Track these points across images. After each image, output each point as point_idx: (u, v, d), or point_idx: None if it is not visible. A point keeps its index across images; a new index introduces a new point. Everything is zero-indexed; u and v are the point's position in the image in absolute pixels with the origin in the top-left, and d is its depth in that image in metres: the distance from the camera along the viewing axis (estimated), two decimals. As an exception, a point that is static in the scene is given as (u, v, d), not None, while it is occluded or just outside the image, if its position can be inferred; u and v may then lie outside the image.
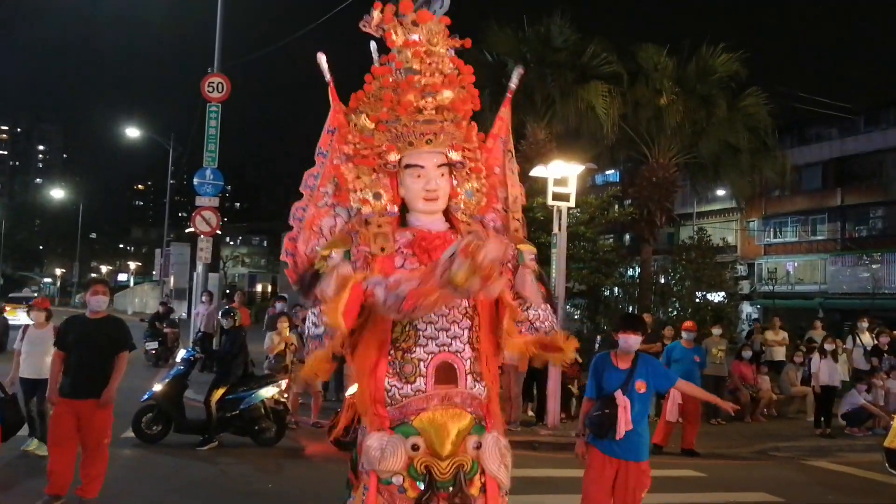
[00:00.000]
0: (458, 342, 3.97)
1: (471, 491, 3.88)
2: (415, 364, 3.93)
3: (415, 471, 3.84)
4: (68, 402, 7.87)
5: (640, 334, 6.85)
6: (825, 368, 15.64)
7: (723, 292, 25.40)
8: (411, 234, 4.12)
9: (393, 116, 4.15)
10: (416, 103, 4.12)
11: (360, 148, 4.20)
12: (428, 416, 3.88)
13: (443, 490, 3.83)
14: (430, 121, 4.12)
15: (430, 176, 4.09)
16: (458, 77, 4.26)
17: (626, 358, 6.80)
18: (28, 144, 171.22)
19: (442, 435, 3.85)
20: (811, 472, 12.69)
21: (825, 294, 46.82)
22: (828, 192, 48.26)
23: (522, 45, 23.59)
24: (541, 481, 10.78)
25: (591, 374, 7.02)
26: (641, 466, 6.70)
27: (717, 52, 23.59)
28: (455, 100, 4.20)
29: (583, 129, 22.61)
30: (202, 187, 19.80)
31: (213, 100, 20.01)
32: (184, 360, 12.68)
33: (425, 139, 4.11)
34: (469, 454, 3.90)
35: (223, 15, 20.98)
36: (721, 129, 23.66)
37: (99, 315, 8.22)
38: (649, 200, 23.77)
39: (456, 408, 3.92)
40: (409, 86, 4.11)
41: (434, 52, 4.17)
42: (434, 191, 4.11)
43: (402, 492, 3.87)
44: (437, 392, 3.91)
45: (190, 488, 9.55)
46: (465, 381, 3.95)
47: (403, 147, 4.13)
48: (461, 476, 3.86)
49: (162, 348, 23.59)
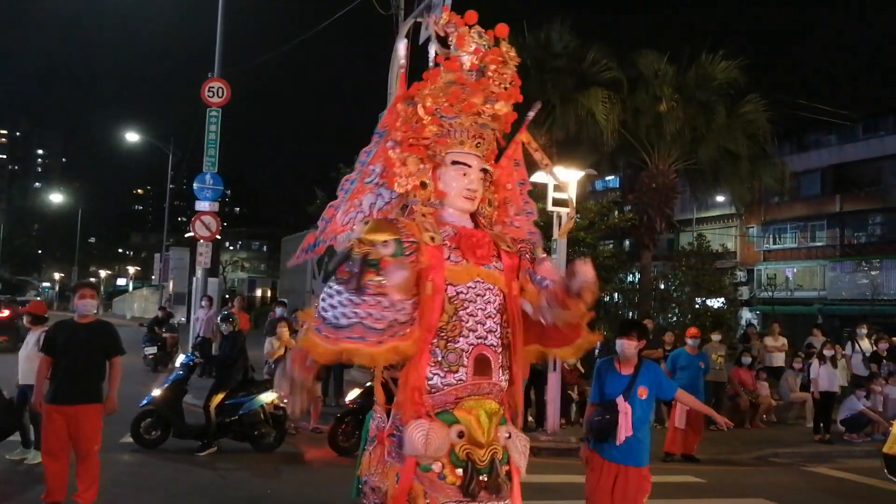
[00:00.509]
0: (492, 336, 4.06)
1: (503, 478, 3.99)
2: (458, 354, 3.99)
3: (456, 458, 3.91)
4: (57, 408, 7.72)
5: (637, 339, 6.85)
6: (824, 374, 15.67)
7: (722, 298, 25.43)
8: (452, 229, 4.17)
9: (453, 112, 4.23)
10: (480, 107, 4.24)
11: (409, 135, 4.27)
12: (469, 404, 3.96)
13: (483, 476, 3.92)
14: (485, 125, 4.27)
15: (473, 178, 4.20)
16: (514, 94, 4.35)
17: (628, 364, 6.84)
18: (27, 149, 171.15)
19: (483, 423, 3.95)
20: (810, 477, 12.70)
21: (824, 300, 46.85)
22: (827, 198, 48.36)
23: (522, 52, 23.23)
24: (541, 487, 10.77)
25: (594, 378, 7.09)
26: (642, 472, 6.71)
27: (717, 59, 23.65)
28: (507, 113, 4.34)
29: (583, 136, 22.64)
30: (202, 192, 19.81)
31: (213, 105, 20.03)
32: (183, 365, 12.67)
33: (476, 141, 4.23)
34: (501, 443, 4.02)
35: (224, 20, 21.02)
36: (720, 136, 23.72)
37: (88, 319, 8.08)
38: (649, 206, 23.81)
39: (490, 398, 4.02)
40: (479, 88, 4.23)
41: (508, 65, 4.30)
42: (475, 191, 4.22)
43: (441, 479, 3.93)
44: (475, 382, 3.99)
45: (189, 494, 9.53)
46: (497, 373, 4.05)
47: (453, 144, 4.22)
48: (497, 463, 3.97)
49: (161, 353, 23.56)
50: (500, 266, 4.13)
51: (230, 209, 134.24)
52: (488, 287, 4.08)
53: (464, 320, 4.01)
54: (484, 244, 4.10)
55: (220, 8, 20.91)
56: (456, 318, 4.00)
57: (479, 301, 4.04)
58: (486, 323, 4.05)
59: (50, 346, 8.00)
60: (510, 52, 4.35)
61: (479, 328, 4.03)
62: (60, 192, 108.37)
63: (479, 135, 4.25)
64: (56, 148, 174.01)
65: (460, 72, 4.31)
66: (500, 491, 3.99)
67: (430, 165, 4.26)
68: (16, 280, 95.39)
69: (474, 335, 4.02)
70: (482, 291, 4.07)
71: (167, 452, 11.61)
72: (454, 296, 4.00)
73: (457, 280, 4.00)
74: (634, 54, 23.90)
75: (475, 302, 4.04)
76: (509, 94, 4.32)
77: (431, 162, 4.26)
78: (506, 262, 4.15)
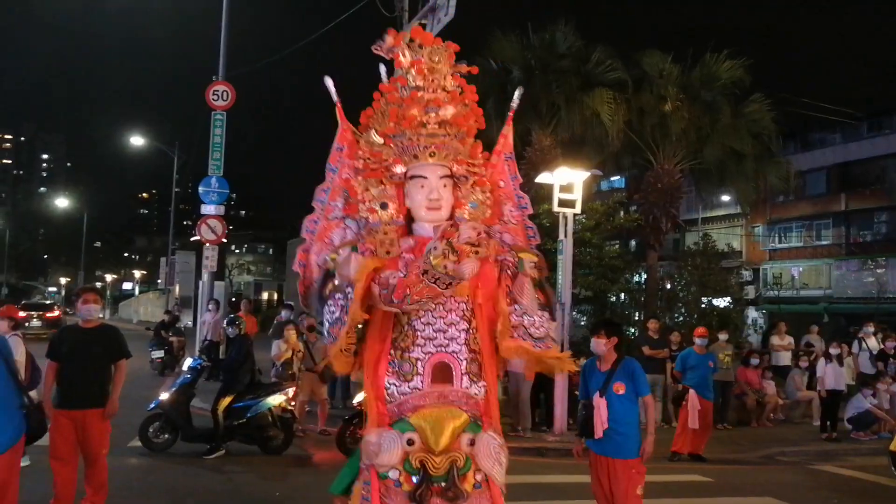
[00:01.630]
0: (455, 343, 4.15)
1: (464, 486, 4.03)
2: (412, 363, 4.13)
3: (410, 465, 4.03)
4: (65, 413, 7.67)
5: (606, 337, 7.20)
6: (831, 373, 15.66)
7: (728, 297, 25.37)
8: (413, 240, 4.28)
9: (399, 131, 4.37)
10: (420, 118, 4.33)
11: (369, 162, 4.40)
12: (424, 413, 4.07)
13: (436, 484, 3.98)
14: (433, 134, 4.34)
15: (432, 186, 4.29)
16: (461, 95, 4.45)
17: (606, 361, 7.22)
18: (32, 154, 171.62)
19: (437, 431, 4.02)
20: (817, 476, 12.70)
21: (830, 299, 46.77)
22: (832, 197, 48.31)
23: (527, 52, 23.67)
24: (548, 487, 10.80)
25: (581, 378, 7.54)
26: (629, 463, 7.00)
27: (721, 58, 23.64)
28: (457, 115, 4.40)
29: (588, 136, 22.68)
30: (207, 196, 19.83)
31: (218, 108, 20.05)
32: (190, 369, 12.71)
33: (429, 152, 4.31)
34: (463, 450, 4.06)
35: (228, 23, 21.05)
36: (725, 136, 23.71)
37: (92, 324, 8.07)
38: (654, 206, 23.80)
39: (452, 406, 4.09)
40: (413, 101, 4.33)
41: (436, 70, 4.36)
42: (436, 200, 4.30)
43: (398, 486, 4.06)
44: (433, 390, 4.09)
45: (197, 497, 9.56)
46: (460, 380, 4.12)
47: (409, 160, 4.34)
48: (454, 471, 4.00)
49: (168, 357, 23.58)
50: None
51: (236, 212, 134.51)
52: (450, 296, 4.11)
53: (418, 329, 4.13)
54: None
55: (225, 11, 20.94)
56: (409, 328, 4.13)
57: (438, 309, 4.12)
58: (448, 330, 4.14)
59: (55, 351, 7.92)
60: (436, 56, 4.40)
61: (440, 336, 4.14)
62: (65, 196, 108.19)
63: (432, 145, 4.31)
64: (61, 152, 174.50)
65: (394, 91, 4.43)
66: (459, 499, 4.01)
67: (393, 186, 4.39)
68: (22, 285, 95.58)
69: (432, 343, 4.14)
70: (443, 300, 4.13)
71: (175, 456, 11.65)
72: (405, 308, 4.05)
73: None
74: (639, 54, 23.88)
75: (434, 311, 4.12)
76: (452, 97, 4.40)
77: (393, 183, 4.40)
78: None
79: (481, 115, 4.64)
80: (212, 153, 20.13)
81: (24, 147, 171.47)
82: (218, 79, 20.46)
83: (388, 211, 4.37)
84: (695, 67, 23.84)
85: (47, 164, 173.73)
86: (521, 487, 10.83)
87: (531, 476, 11.10)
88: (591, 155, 21.61)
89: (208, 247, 20.02)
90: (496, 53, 23.76)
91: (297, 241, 48.50)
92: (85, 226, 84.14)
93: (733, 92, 24.28)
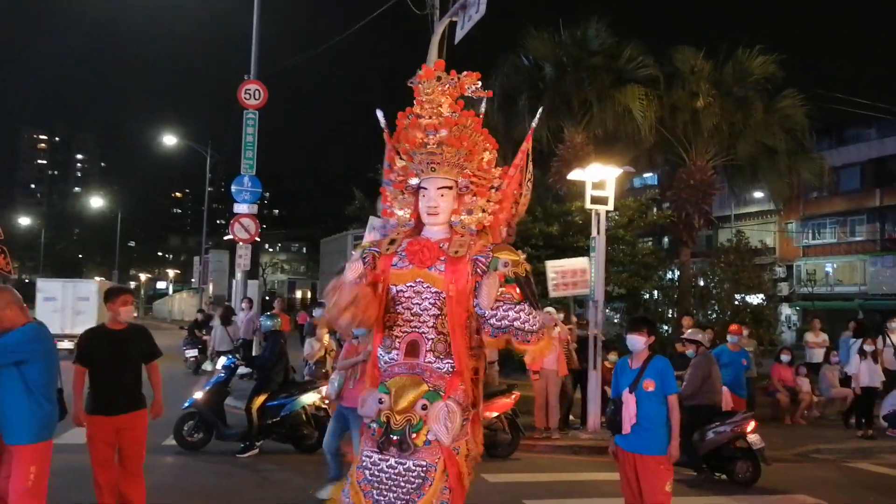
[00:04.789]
0: (425, 326, 5.00)
1: (415, 441, 4.84)
2: (393, 339, 5.06)
3: (379, 420, 4.91)
4: (103, 419, 7.44)
5: (647, 335, 7.44)
6: (865, 370, 15.53)
7: (761, 294, 25.24)
8: (412, 241, 5.14)
9: (411, 150, 5.24)
10: (422, 139, 5.15)
11: (398, 175, 5.36)
12: (395, 379, 4.96)
13: (395, 437, 4.85)
14: (432, 153, 5.12)
15: (431, 196, 5.11)
16: (456, 118, 5.13)
17: (638, 358, 7.46)
18: (66, 154, 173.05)
19: (399, 394, 4.88)
20: (852, 473, 12.61)
21: (865, 295, 46.46)
22: (866, 192, 47.94)
23: (559, 49, 23.64)
24: (582, 484, 10.80)
25: (613, 376, 7.83)
26: (657, 459, 7.17)
27: (754, 54, 23.52)
28: (450, 137, 5.08)
29: (620, 133, 22.60)
30: (240, 194, 19.95)
31: (250, 107, 20.17)
32: (225, 368, 12.78)
33: (430, 167, 5.11)
34: (417, 413, 4.86)
35: (260, 22, 21.14)
36: (758, 131, 23.60)
37: (120, 325, 7.75)
38: (687, 203, 23.68)
39: (417, 376, 4.93)
40: (415, 126, 5.19)
41: (432, 100, 5.09)
42: (434, 207, 5.11)
43: (373, 434, 4.97)
44: (405, 362, 4.99)
45: (231, 495, 9.63)
46: (424, 356, 4.95)
47: (419, 173, 5.18)
48: (408, 428, 4.84)
49: (202, 356, 23.71)
50: (442, 269, 4.93)
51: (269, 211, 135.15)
52: (427, 286, 4.97)
53: (400, 312, 5.04)
54: (426, 251, 4.99)
55: (256, 10, 21.03)
56: (394, 311, 5.07)
57: (416, 298, 5.00)
58: (422, 315, 4.99)
59: (83, 356, 7.70)
60: (430, 88, 5.11)
61: (415, 319, 5.01)
62: (100, 196, 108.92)
63: (431, 161, 5.10)
64: (95, 152, 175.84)
65: (404, 118, 5.28)
66: (408, 450, 4.84)
67: (411, 195, 5.29)
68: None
69: (410, 325, 5.03)
70: (421, 290, 4.99)
71: (209, 454, 11.75)
72: (395, 294, 5.04)
73: (397, 281, 5.02)
74: (671, 50, 23.78)
75: (413, 298, 5.01)
76: (447, 122, 5.11)
77: (410, 192, 5.30)
78: (448, 266, 4.92)
79: (484, 134, 5.25)
80: (244, 152, 20.25)
81: (59, 147, 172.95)
82: (250, 78, 20.56)
83: (404, 214, 5.32)
84: (727, 63, 23.73)
85: (81, 164, 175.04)
86: (556, 485, 10.87)
87: (565, 474, 11.11)
88: (623, 152, 21.51)
89: (241, 245, 20.15)
90: (528, 50, 23.78)
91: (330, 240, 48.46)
92: (119, 225, 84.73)
93: (766, 87, 24.15)
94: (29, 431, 6.31)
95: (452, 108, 5.14)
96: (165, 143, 48.90)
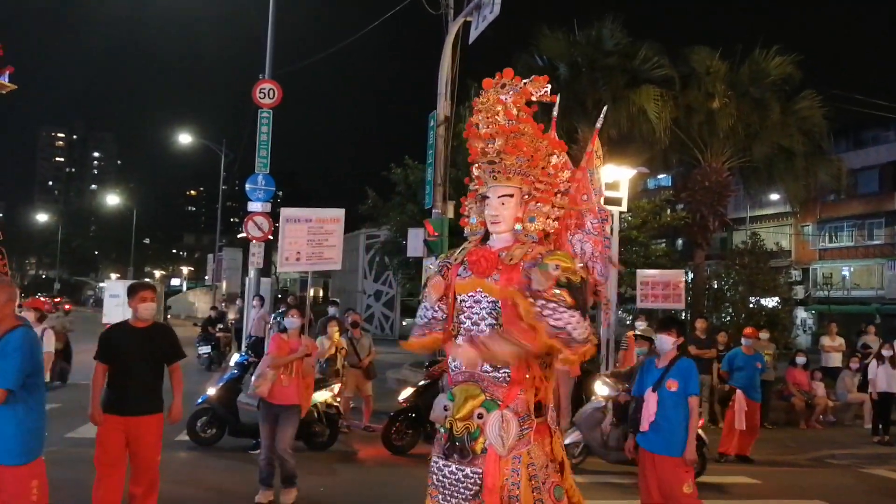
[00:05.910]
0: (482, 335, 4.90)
1: (474, 447, 4.85)
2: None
3: (444, 426, 5.01)
4: (116, 418, 7.22)
5: (676, 336, 7.57)
6: (883, 374, 15.44)
7: (777, 297, 25.14)
8: (472, 250, 5.15)
9: (475, 160, 5.25)
10: (482, 149, 5.14)
11: (474, 184, 5.38)
12: (459, 387, 5.01)
13: (456, 443, 4.91)
14: (492, 161, 5.10)
15: (492, 204, 5.08)
16: (511, 126, 5.07)
17: (664, 358, 7.57)
18: (84, 151, 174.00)
19: (459, 402, 4.94)
20: (868, 479, 12.52)
21: (882, 299, 46.25)
22: (885, 195, 47.66)
23: (573, 49, 23.59)
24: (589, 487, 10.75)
25: (638, 374, 7.95)
26: (675, 461, 7.22)
27: (771, 54, 23.39)
28: (507, 145, 5.04)
29: (635, 133, 22.54)
30: (254, 193, 19.95)
31: (265, 106, 20.16)
32: (237, 364, 12.78)
33: (491, 176, 5.11)
34: (475, 422, 4.89)
35: (275, 22, 21.16)
36: (775, 133, 23.50)
37: (145, 323, 7.56)
38: (702, 205, 23.61)
39: (476, 385, 4.94)
40: (474, 136, 5.18)
41: (488, 109, 5.09)
42: (495, 216, 5.07)
43: (439, 440, 5.06)
44: (466, 370, 4.98)
45: (243, 491, 9.60)
46: (482, 364, 4.89)
47: (485, 182, 5.18)
48: (466, 435, 4.89)
49: (215, 352, 23.76)
50: (497, 278, 4.89)
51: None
52: (485, 296, 4.95)
53: (462, 322, 5.05)
54: (483, 261, 4.95)
55: (271, 10, 21.06)
56: (458, 320, 5.09)
57: (475, 307, 5.00)
58: (480, 325, 4.96)
59: (105, 353, 7.48)
60: (485, 98, 5.11)
61: (474, 329, 4.97)
62: (116, 193, 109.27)
63: (493, 170, 5.09)
64: (111, 150, 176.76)
65: (469, 128, 5.26)
66: (468, 457, 4.87)
67: (480, 203, 5.29)
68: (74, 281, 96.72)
69: (469, 334, 4.97)
70: (480, 299, 4.98)
71: (222, 450, 11.80)
72: (459, 303, 5.08)
73: (461, 290, 5.05)
74: (686, 51, 23.72)
75: (473, 307, 5.01)
76: (502, 130, 5.07)
77: (479, 201, 5.30)
78: (503, 276, 4.87)
79: (548, 139, 5.19)
80: (258, 151, 20.26)
81: (77, 145, 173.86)
82: (264, 77, 20.58)
83: (475, 222, 5.37)
84: (743, 64, 23.65)
85: (98, 162, 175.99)
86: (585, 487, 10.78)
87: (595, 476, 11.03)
88: (637, 152, 21.46)
89: (255, 243, 20.14)
90: (542, 50, 23.75)
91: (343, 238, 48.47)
92: (134, 222, 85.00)
93: (783, 88, 24.03)
94: (24, 449, 5.87)
95: (508, 115, 5.07)
96: (181, 141, 48.96)
